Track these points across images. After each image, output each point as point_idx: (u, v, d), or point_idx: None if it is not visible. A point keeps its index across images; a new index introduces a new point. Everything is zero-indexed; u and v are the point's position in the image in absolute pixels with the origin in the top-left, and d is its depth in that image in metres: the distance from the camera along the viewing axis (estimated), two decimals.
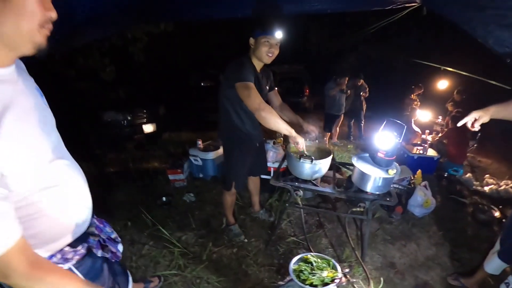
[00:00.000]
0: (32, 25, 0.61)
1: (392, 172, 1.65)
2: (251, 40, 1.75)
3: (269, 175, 2.91)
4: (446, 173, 3.62)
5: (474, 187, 3.25)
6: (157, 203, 2.90)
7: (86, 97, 4.50)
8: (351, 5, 2.38)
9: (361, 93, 5.06)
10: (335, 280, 1.21)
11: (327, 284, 1.20)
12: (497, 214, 2.62)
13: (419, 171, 3.11)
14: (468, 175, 3.43)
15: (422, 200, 2.76)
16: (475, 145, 3.77)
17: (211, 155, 3.34)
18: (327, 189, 1.84)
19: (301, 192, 1.88)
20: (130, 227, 2.50)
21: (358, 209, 1.87)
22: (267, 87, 2.01)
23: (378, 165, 1.77)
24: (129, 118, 4.49)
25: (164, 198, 2.96)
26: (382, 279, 1.94)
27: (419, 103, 4.90)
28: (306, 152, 1.78)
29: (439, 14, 1.93)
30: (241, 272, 2.03)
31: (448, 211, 2.89)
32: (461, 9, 1.76)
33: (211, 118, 6.43)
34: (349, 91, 4.85)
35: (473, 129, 1.39)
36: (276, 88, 2.16)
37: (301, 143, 1.70)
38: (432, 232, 2.55)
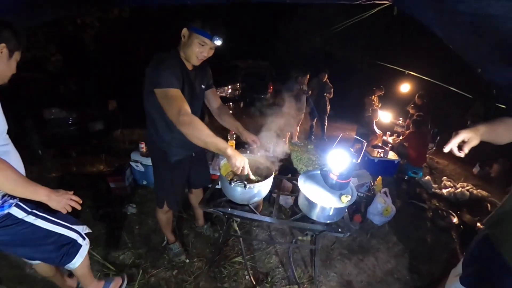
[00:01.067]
0: None
1: (345, 199, 1.41)
2: (185, 31, 1.39)
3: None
4: (406, 176, 3.62)
5: (432, 190, 3.25)
6: (97, 214, 2.54)
7: (29, 90, 3.88)
8: None
9: (325, 94, 4.95)
10: None
11: None
12: (455, 220, 2.60)
13: (379, 178, 3.02)
14: (427, 177, 3.44)
15: (382, 208, 2.66)
16: (434, 147, 3.83)
17: None
18: (266, 218, 1.54)
19: (238, 219, 1.58)
20: None
21: (304, 238, 1.64)
22: (203, 86, 1.65)
23: (329, 187, 1.53)
24: (74, 115, 3.92)
25: (101, 210, 2.58)
26: None
27: (379, 105, 4.91)
28: (252, 176, 1.48)
29: (410, 16, 1.75)
30: None
31: (408, 217, 2.83)
32: (434, 13, 1.59)
33: None
34: (310, 91, 4.69)
35: (459, 155, 1.08)
36: (214, 88, 1.81)
37: (244, 166, 1.31)
38: (391, 243, 2.45)
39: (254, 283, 1.89)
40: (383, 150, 3.80)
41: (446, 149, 1.08)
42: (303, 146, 5.08)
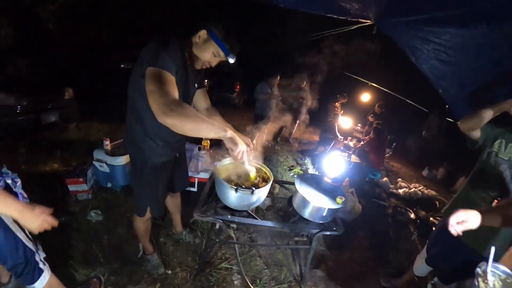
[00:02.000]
0: None
1: (340, 200, 1.51)
2: (203, 34, 1.28)
3: (193, 186, 2.55)
4: (367, 178, 4.02)
5: (390, 189, 3.69)
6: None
7: None
8: (307, 5, 2.21)
9: (302, 100, 5.16)
10: None
11: None
12: (412, 215, 3.00)
13: (347, 179, 3.29)
14: (385, 179, 3.89)
15: (351, 207, 2.91)
16: (390, 152, 4.35)
17: (122, 160, 2.65)
18: (268, 223, 1.55)
19: (235, 225, 1.56)
20: None
21: (301, 238, 1.71)
22: (196, 85, 1.55)
23: (323, 190, 1.63)
24: (24, 103, 3.30)
25: (63, 218, 2.23)
26: None
27: (341, 111, 5.36)
28: (247, 165, 1.45)
29: (388, 36, 1.98)
30: None
31: (372, 214, 3.16)
32: (409, 39, 1.84)
33: None
34: (280, 96, 4.84)
35: (455, 233, 1.08)
36: (206, 88, 1.72)
37: (242, 151, 1.21)
38: (361, 238, 2.70)
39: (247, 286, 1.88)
40: (347, 154, 4.14)
41: (450, 229, 1.07)
42: (270, 147, 5.19)
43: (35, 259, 1.21)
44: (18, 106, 3.30)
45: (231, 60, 1.30)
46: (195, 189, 2.65)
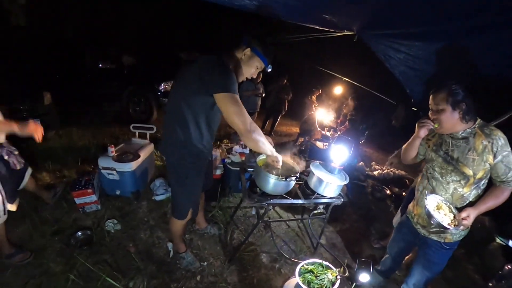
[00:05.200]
0: None
1: (344, 180, 2.05)
2: (248, 51, 1.52)
3: None
4: (346, 163, 4.67)
5: (366, 172, 4.37)
6: (71, 243, 2.18)
7: None
8: (297, 16, 2.57)
9: (286, 96, 5.60)
10: (338, 277, 1.39)
11: (334, 283, 1.37)
12: (388, 192, 3.68)
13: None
14: (361, 163, 4.58)
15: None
16: (363, 140, 5.04)
17: (131, 166, 2.75)
18: (299, 200, 2.00)
19: (270, 207, 1.96)
20: None
21: (318, 211, 2.16)
22: None
23: (330, 173, 2.11)
24: None
25: (79, 233, 2.27)
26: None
27: (317, 103, 5.93)
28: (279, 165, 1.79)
29: (367, 44, 2.49)
30: None
31: (355, 193, 3.78)
32: (385, 48, 2.38)
33: (110, 109, 5.34)
34: (263, 93, 5.21)
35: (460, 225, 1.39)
36: None
37: (281, 161, 1.70)
38: (350, 212, 3.27)
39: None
40: (327, 143, 4.71)
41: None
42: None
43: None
44: None
45: (269, 70, 1.61)
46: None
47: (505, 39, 1.69)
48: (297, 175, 1.86)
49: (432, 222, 1.36)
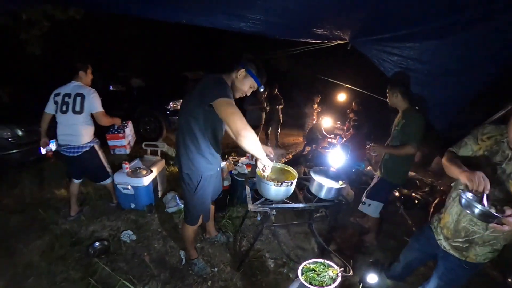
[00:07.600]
0: None
1: (342, 183, 2.14)
2: (242, 71, 1.73)
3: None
4: (354, 169, 4.71)
5: (375, 176, 4.40)
6: (89, 253, 2.38)
7: None
8: (290, 33, 2.78)
9: (277, 106, 5.78)
10: (338, 274, 1.47)
11: (335, 280, 1.45)
12: (397, 194, 3.70)
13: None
14: (369, 167, 4.61)
15: (345, 193, 3.53)
16: (371, 143, 5.08)
17: (145, 181, 2.99)
18: (300, 204, 2.12)
19: (274, 212, 2.07)
20: None
21: (320, 214, 2.26)
22: None
23: (329, 177, 2.22)
24: (20, 133, 3.40)
25: (97, 244, 2.47)
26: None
27: (319, 109, 6.02)
28: (267, 174, 1.88)
29: (360, 51, 2.65)
30: None
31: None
32: (377, 52, 2.54)
33: None
34: (267, 107, 5.39)
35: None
36: None
37: (269, 169, 1.75)
38: (359, 216, 3.31)
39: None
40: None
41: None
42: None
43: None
44: (13, 138, 3.42)
45: (261, 90, 1.84)
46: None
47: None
48: (293, 181, 1.98)
49: (474, 212, 1.10)
